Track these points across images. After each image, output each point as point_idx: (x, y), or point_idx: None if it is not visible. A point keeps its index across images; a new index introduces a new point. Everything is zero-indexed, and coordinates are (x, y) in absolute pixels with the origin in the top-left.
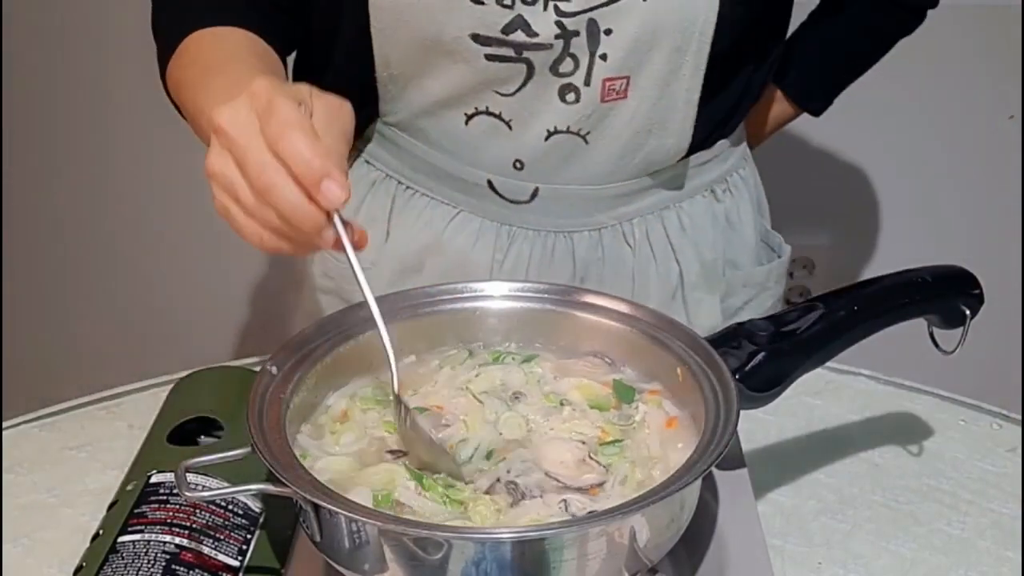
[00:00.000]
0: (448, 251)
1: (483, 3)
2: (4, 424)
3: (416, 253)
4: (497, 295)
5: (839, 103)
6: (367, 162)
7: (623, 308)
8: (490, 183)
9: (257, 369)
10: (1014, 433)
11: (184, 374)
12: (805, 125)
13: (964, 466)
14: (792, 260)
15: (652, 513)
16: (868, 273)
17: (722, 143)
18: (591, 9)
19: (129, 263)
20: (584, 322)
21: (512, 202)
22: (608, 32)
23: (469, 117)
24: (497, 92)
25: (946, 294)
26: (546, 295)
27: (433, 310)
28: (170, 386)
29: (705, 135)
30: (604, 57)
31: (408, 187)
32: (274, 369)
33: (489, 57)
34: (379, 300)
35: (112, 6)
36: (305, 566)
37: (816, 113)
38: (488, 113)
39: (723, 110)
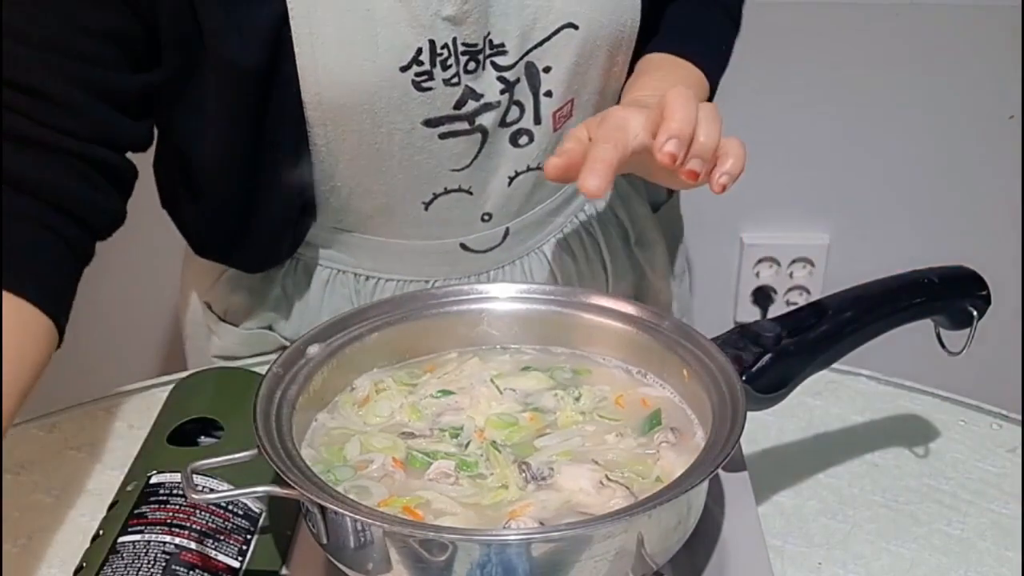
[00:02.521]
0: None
1: (431, 88)
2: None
3: None
4: (506, 297)
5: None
6: (308, 264)
7: (628, 309)
8: (462, 244)
9: (256, 370)
10: (1014, 433)
11: (184, 374)
12: (805, 125)
13: (964, 466)
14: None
15: (660, 516)
16: (868, 273)
17: None
18: (527, 53)
19: (129, 263)
20: (590, 323)
21: (485, 251)
22: (547, 69)
23: (428, 203)
24: (453, 170)
25: (953, 295)
26: (552, 297)
27: (441, 311)
28: (170, 386)
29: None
30: (548, 93)
31: (369, 277)
32: (279, 371)
33: (443, 136)
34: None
35: None
36: (305, 567)
37: (712, 80)
38: (447, 192)
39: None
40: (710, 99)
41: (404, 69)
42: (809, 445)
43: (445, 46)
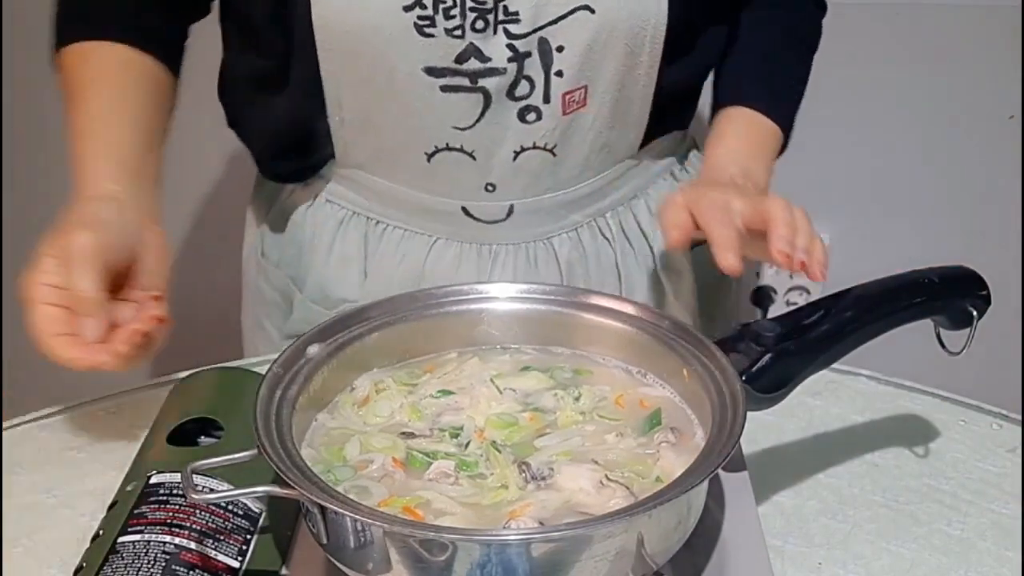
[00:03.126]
0: (431, 280)
1: (433, 35)
2: (4, 424)
3: (399, 286)
4: (505, 297)
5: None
6: (329, 201)
7: (628, 309)
8: (464, 209)
9: (256, 370)
10: (1014, 433)
11: (184, 374)
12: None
13: (964, 466)
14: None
15: (660, 516)
16: (868, 273)
17: (677, 131)
18: (541, 28)
19: None
20: (590, 323)
21: (489, 222)
22: (560, 49)
23: (430, 155)
24: (455, 127)
25: (953, 295)
26: (552, 297)
27: (441, 311)
28: (170, 386)
29: (663, 122)
30: (560, 74)
31: (379, 222)
32: (279, 371)
33: (444, 88)
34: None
35: None
36: (305, 567)
37: (786, 134)
38: (449, 148)
39: (680, 94)
40: (785, 142)
41: (407, 9)
42: (809, 445)
43: None
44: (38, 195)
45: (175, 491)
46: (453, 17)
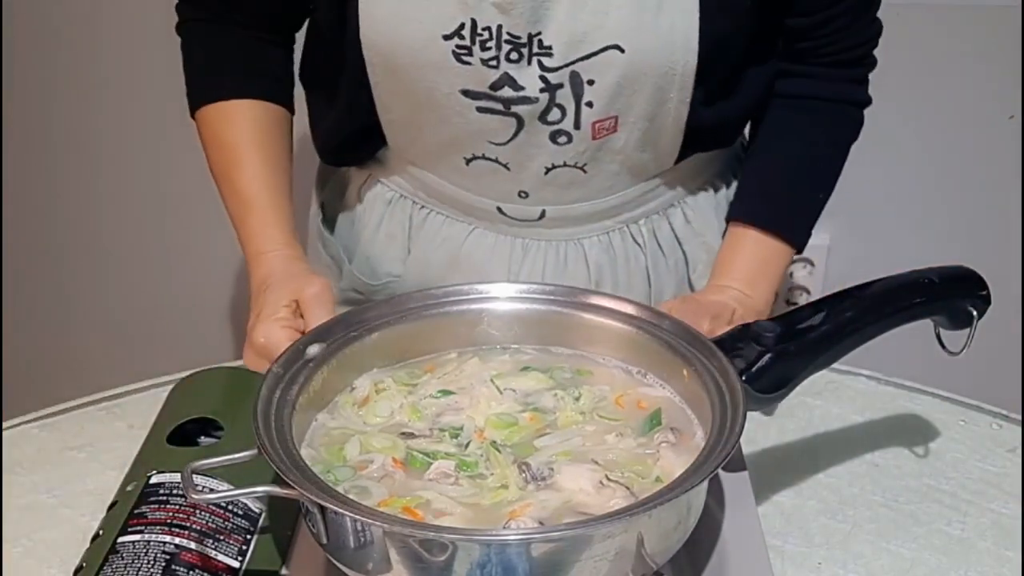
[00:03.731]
0: (466, 266)
1: (469, 63)
2: (4, 424)
3: (436, 267)
4: (505, 296)
5: None
6: (380, 183)
7: (628, 309)
8: (499, 208)
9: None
10: (1014, 433)
11: (184, 374)
12: None
13: (964, 466)
14: (792, 260)
15: (660, 516)
16: (868, 273)
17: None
18: (573, 63)
19: (129, 264)
20: (590, 323)
21: (522, 221)
22: (591, 82)
23: (468, 160)
24: (491, 142)
25: (953, 295)
26: (552, 297)
27: (441, 311)
28: (170, 386)
29: (701, 145)
30: (590, 104)
31: (423, 206)
32: (279, 371)
33: (480, 109)
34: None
35: (111, 7)
36: (305, 567)
37: (800, 248)
38: (485, 158)
39: (718, 129)
40: (800, 250)
41: (447, 38)
42: (809, 445)
43: (487, 29)
44: (38, 197)
45: (175, 491)
46: (489, 49)
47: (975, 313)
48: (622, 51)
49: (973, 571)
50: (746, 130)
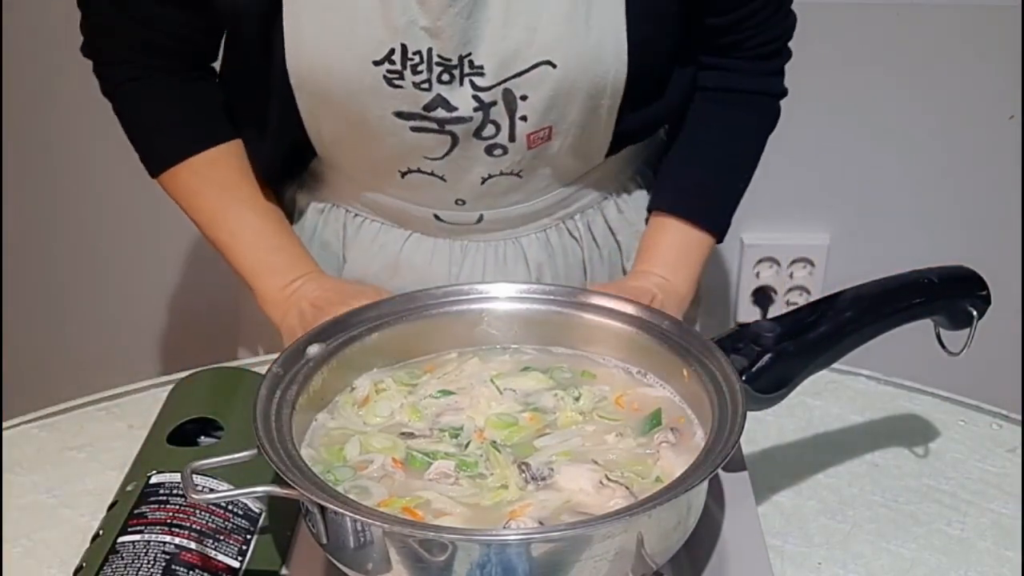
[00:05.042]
0: (406, 270)
1: (401, 87)
2: (4, 424)
3: (375, 275)
4: (505, 297)
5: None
6: (313, 192)
7: (628, 309)
8: (436, 215)
9: (256, 370)
10: (1014, 433)
11: (184, 374)
12: (805, 125)
13: (964, 466)
14: (792, 260)
15: (660, 516)
16: (868, 273)
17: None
18: (505, 80)
19: (130, 264)
20: (590, 323)
21: (460, 225)
22: (524, 98)
23: (404, 174)
24: (426, 157)
25: (953, 295)
26: (552, 297)
27: (441, 311)
28: (170, 386)
29: (630, 139)
30: (524, 118)
31: (357, 215)
32: (279, 371)
33: (414, 129)
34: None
35: None
36: (305, 567)
37: (720, 237)
38: (420, 172)
39: (645, 128)
40: (720, 239)
41: (377, 63)
42: (809, 445)
43: (418, 53)
44: (38, 197)
45: (175, 491)
46: (420, 72)
47: (975, 313)
48: (554, 66)
49: (973, 571)
50: None
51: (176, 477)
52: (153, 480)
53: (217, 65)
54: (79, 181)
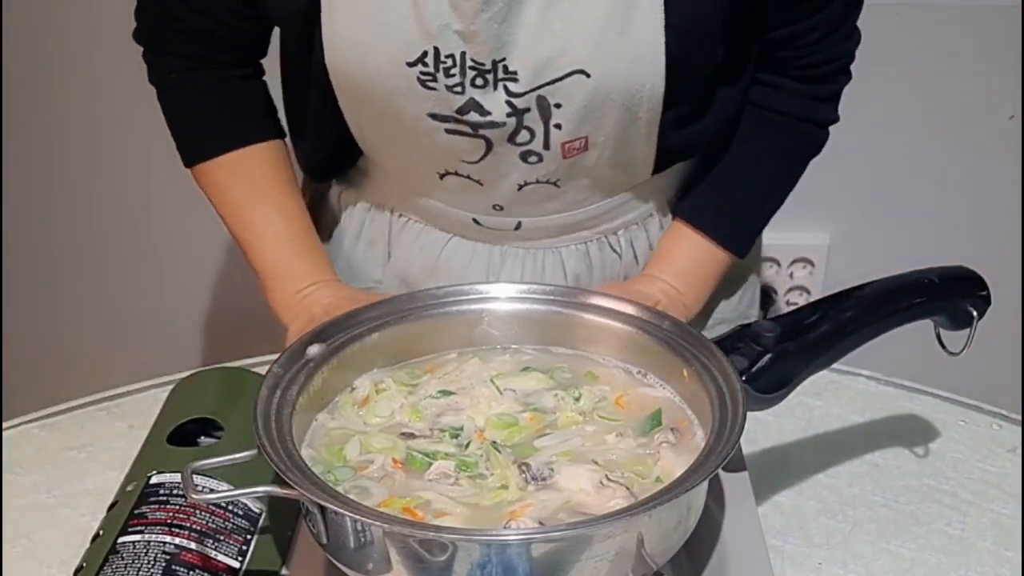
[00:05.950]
0: (444, 273)
1: (434, 89)
2: (4, 424)
3: (415, 274)
4: (505, 297)
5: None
6: (359, 191)
7: (628, 309)
8: (475, 220)
9: (256, 370)
10: (1014, 433)
11: (184, 374)
12: None
13: (964, 466)
14: (792, 260)
15: (660, 516)
16: (868, 273)
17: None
18: (539, 87)
19: (130, 264)
20: (590, 323)
21: (499, 231)
22: (558, 106)
23: (442, 175)
24: (463, 160)
25: (953, 295)
26: (552, 297)
27: (441, 311)
28: (170, 386)
29: (675, 159)
30: (558, 126)
31: (401, 215)
32: (279, 371)
33: (448, 131)
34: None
35: (111, 8)
36: (305, 567)
37: (739, 255)
38: (458, 175)
39: (690, 148)
40: (739, 256)
41: (411, 65)
42: (809, 445)
43: (451, 56)
44: (38, 197)
45: (175, 491)
46: (453, 75)
47: (975, 313)
48: (588, 76)
49: (973, 571)
50: None
51: (176, 477)
52: (153, 480)
53: (266, 63)
54: (79, 181)
